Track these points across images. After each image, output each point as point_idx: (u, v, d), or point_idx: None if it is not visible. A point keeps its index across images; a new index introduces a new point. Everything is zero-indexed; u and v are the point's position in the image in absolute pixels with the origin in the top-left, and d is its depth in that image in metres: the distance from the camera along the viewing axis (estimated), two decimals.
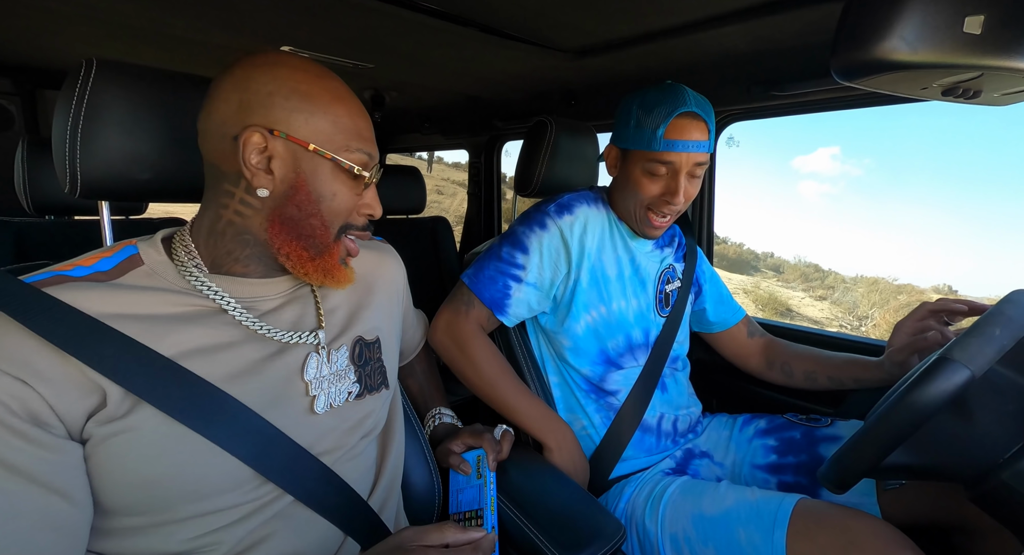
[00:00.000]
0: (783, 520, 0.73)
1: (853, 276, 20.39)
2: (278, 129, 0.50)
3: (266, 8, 0.92)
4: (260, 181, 0.51)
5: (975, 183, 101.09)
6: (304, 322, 0.60)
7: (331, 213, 0.55)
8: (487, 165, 2.21)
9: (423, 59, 1.22)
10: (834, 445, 0.92)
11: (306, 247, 0.54)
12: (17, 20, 1.09)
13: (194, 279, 0.53)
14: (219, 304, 0.53)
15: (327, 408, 0.58)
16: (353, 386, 0.62)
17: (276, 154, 0.51)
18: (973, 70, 0.47)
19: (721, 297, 1.14)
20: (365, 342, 0.65)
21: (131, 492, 0.47)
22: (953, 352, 0.57)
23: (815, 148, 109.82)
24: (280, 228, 0.53)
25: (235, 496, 0.51)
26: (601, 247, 0.96)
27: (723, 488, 0.84)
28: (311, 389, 0.57)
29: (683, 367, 1.07)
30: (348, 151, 0.54)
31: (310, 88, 0.52)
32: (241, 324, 0.54)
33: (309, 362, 0.58)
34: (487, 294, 0.92)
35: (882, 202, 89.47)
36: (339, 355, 0.61)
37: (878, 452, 0.61)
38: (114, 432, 0.46)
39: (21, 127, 1.64)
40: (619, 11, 0.87)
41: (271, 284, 0.58)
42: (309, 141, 0.51)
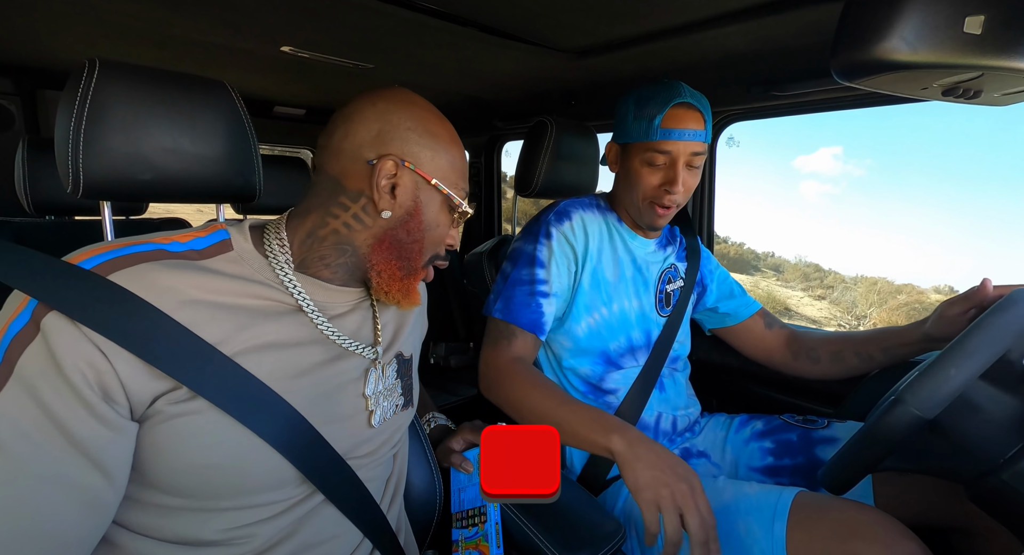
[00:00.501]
0: (783, 512, 0.73)
1: (854, 276, 20.35)
2: (409, 161, 0.56)
3: (266, 8, 0.92)
4: (384, 204, 0.57)
5: (979, 183, 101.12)
6: (362, 333, 0.63)
7: (431, 241, 0.61)
8: (487, 165, 2.21)
9: (423, 59, 1.22)
10: (831, 447, 0.92)
11: (400, 268, 0.59)
12: (17, 20, 1.09)
13: (282, 273, 0.56)
14: (298, 302, 0.56)
15: (381, 421, 0.62)
16: (399, 399, 0.66)
17: (401, 183, 0.57)
18: (973, 70, 0.47)
19: (732, 292, 1.13)
20: (403, 358, 0.69)
21: (183, 474, 0.48)
22: (905, 394, 0.57)
23: (817, 148, 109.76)
24: (386, 247, 0.58)
25: (277, 494, 0.53)
26: (600, 249, 0.97)
27: (721, 483, 0.84)
28: (370, 404, 0.61)
29: (683, 368, 1.07)
30: (457, 188, 0.60)
31: (438, 129, 0.59)
32: (314, 325, 0.57)
33: (369, 378, 0.61)
34: (525, 320, 0.91)
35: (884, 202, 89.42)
36: (390, 371, 0.65)
37: (872, 462, 0.62)
38: (181, 413, 0.47)
39: (21, 127, 1.64)
40: (619, 11, 0.87)
41: (344, 292, 0.61)
42: (432, 176, 0.58)
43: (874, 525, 0.67)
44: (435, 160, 0.58)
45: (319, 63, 1.26)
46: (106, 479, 0.44)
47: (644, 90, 0.92)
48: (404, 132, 0.57)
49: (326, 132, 0.59)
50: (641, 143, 0.91)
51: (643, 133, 0.89)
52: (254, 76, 1.46)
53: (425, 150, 0.58)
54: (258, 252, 0.56)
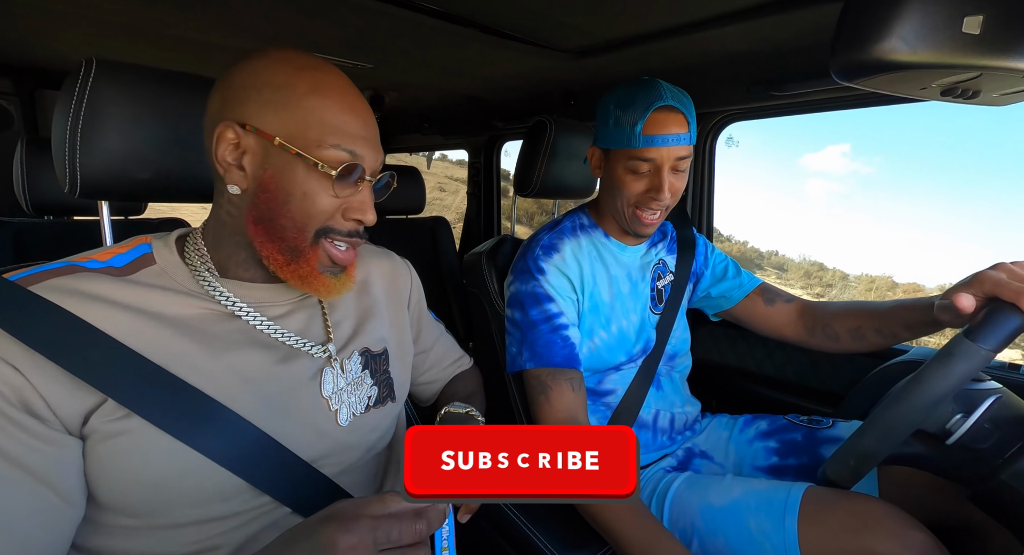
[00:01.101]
0: (793, 507, 0.73)
1: (857, 274, 20.33)
2: (250, 123, 0.49)
3: (266, 8, 0.92)
4: (232, 177, 0.50)
5: (991, 179, 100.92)
6: (311, 331, 0.59)
7: (303, 215, 0.51)
8: (487, 165, 2.21)
9: (423, 59, 1.22)
10: (835, 446, 0.92)
11: (281, 250, 0.52)
12: (17, 20, 1.09)
13: (205, 283, 0.52)
14: (230, 309, 0.53)
15: (350, 418, 0.58)
16: (372, 390, 0.61)
17: (248, 150, 0.49)
18: (972, 70, 0.47)
19: (725, 273, 1.09)
20: (372, 353, 0.64)
21: (133, 492, 0.46)
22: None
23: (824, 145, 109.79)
24: (257, 228, 0.51)
25: (235, 504, 0.50)
26: (594, 273, 0.94)
27: (728, 480, 0.84)
28: (332, 404, 0.57)
29: (682, 366, 1.06)
30: (322, 148, 0.49)
31: (287, 79, 0.49)
32: (253, 328, 0.53)
33: (324, 378, 0.56)
34: (559, 358, 0.86)
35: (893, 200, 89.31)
36: (352, 363, 0.60)
37: (884, 445, 0.62)
38: (116, 431, 0.45)
39: (20, 127, 1.64)
40: (619, 11, 0.87)
41: (278, 290, 0.57)
42: (277, 134, 0.49)
43: (885, 517, 0.67)
44: (281, 116, 0.49)
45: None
46: (56, 495, 0.43)
47: (622, 93, 0.86)
48: (243, 92, 0.49)
49: None
50: (623, 150, 0.86)
51: (625, 140, 0.85)
52: None
53: (268, 107, 0.49)
54: (184, 263, 0.53)
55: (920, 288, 18.43)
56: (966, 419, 0.60)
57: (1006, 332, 0.57)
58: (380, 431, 0.63)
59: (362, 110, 0.53)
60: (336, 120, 0.50)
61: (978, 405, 0.60)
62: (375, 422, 0.62)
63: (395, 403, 0.66)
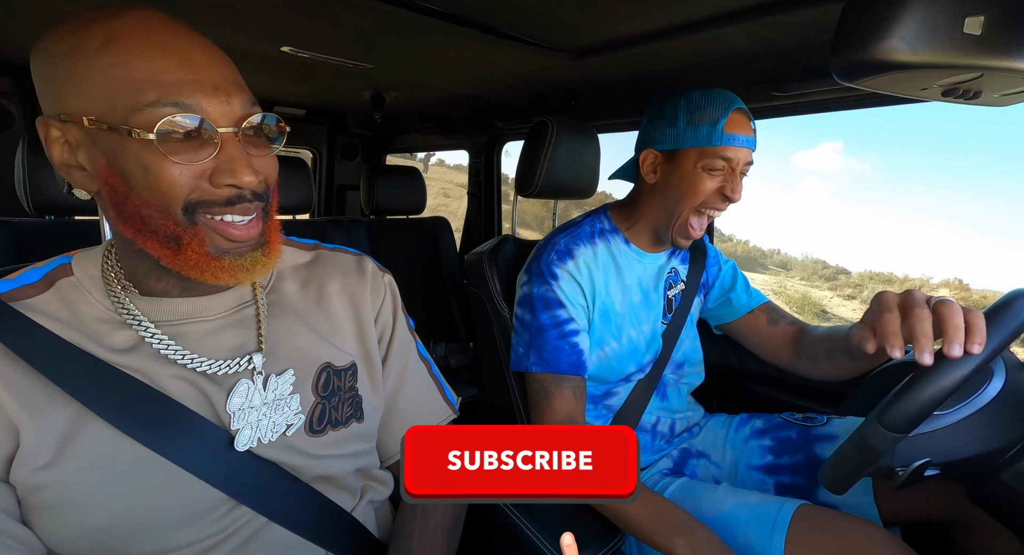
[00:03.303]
0: (782, 524, 0.72)
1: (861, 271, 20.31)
2: (62, 112, 0.41)
3: (266, 8, 0.92)
4: (76, 180, 0.44)
5: (987, 173, 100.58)
6: (246, 346, 0.52)
7: (155, 194, 0.42)
8: (487, 165, 2.21)
9: (423, 59, 1.22)
10: (830, 444, 0.92)
11: (161, 242, 0.44)
12: (17, 19, 1.09)
13: (116, 301, 0.47)
14: (144, 337, 0.47)
15: (251, 444, 0.50)
16: (295, 418, 0.53)
17: (76, 143, 0.42)
18: (973, 70, 0.47)
19: (734, 285, 1.08)
20: (334, 369, 0.57)
21: (74, 541, 0.44)
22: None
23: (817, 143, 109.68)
24: (127, 227, 0.44)
25: (194, 531, 0.47)
26: (607, 283, 0.93)
27: (722, 490, 0.84)
28: (233, 421, 0.49)
29: (690, 375, 1.05)
30: (138, 111, 0.40)
31: (74, 43, 0.40)
32: (160, 354, 0.47)
33: (236, 390, 0.49)
34: (565, 365, 0.85)
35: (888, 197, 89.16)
36: (280, 381, 0.52)
37: (858, 471, 0.62)
38: (42, 484, 0.42)
39: (21, 127, 1.64)
40: (619, 11, 0.87)
41: (201, 303, 0.50)
42: (82, 114, 0.40)
43: (875, 543, 0.67)
44: (81, 89, 0.40)
45: (319, 63, 1.26)
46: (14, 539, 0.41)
47: (694, 96, 0.88)
48: (44, 77, 0.42)
49: None
50: (699, 148, 0.86)
51: (704, 138, 0.85)
52: (254, 76, 1.46)
53: (67, 84, 0.40)
54: (103, 278, 0.49)
55: (925, 282, 18.46)
56: (904, 471, 0.60)
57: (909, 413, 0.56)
58: (339, 454, 0.57)
59: (182, 48, 0.42)
60: (143, 72, 0.40)
61: (911, 462, 0.60)
62: (331, 443, 0.56)
63: (361, 423, 0.59)
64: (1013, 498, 0.59)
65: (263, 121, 0.46)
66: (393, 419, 0.66)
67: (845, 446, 0.62)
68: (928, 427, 0.60)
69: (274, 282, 0.58)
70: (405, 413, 0.67)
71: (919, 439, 0.60)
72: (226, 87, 0.43)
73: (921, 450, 0.60)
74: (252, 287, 0.55)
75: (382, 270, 0.68)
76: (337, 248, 0.67)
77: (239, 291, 0.53)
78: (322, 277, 0.61)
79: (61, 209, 1.24)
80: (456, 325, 2.09)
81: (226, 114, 0.43)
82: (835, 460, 0.65)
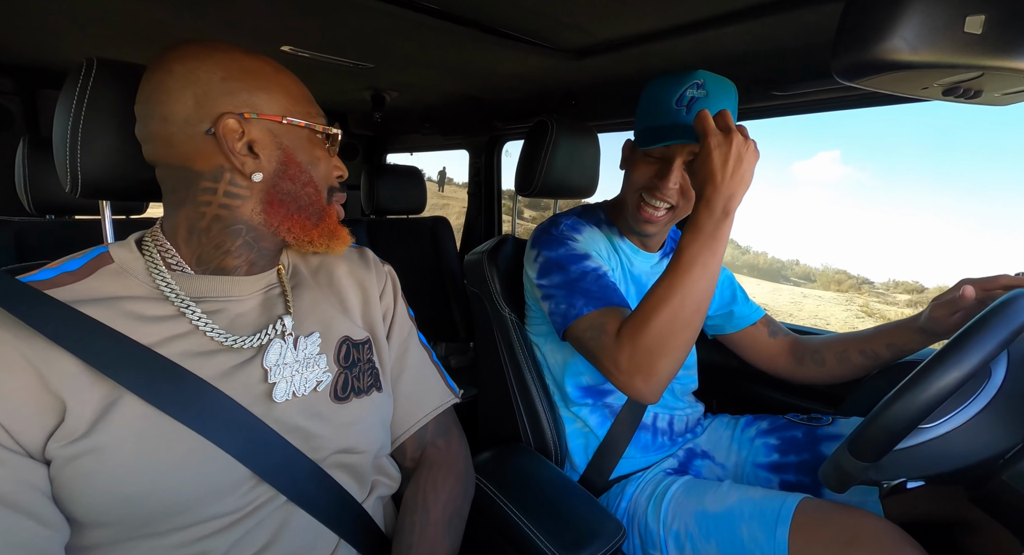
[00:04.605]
0: (786, 517, 0.73)
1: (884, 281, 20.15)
2: (248, 111, 0.51)
3: (266, 8, 0.92)
4: (251, 167, 0.52)
5: (995, 174, 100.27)
6: (274, 318, 0.58)
7: (320, 179, 0.57)
8: (487, 165, 2.21)
9: (423, 59, 1.22)
10: (836, 444, 0.92)
11: (307, 216, 0.56)
12: (17, 20, 1.09)
13: (162, 281, 0.52)
14: (184, 313, 0.52)
15: (288, 396, 0.55)
16: (324, 375, 0.58)
17: (254, 136, 0.52)
18: (974, 70, 0.47)
19: (735, 297, 1.09)
20: (353, 342, 0.63)
21: (106, 511, 0.46)
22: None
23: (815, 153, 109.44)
24: (278, 206, 0.54)
25: (218, 505, 0.49)
26: (608, 264, 0.92)
27: (726, 486, 0.84)
28: (270, 375, 0.54)
29: (684, 374, 1.06)
30: (311, 116, 0.55)
31: (253, 65, 0.53)
32: (197, 330, 0.52)
33: (271, 348, 0.55)
34: (616, 298, 0.80)
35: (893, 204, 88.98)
36: (308, 342, 0.58)
37: (849, 480, 0.62)
38: (78, 453, 0.44)
39: (22, 127, 1.64)
40: (619, 11, 0.87)
41: (247, 282, 0.57)
42: (280, 115, 0.53)
43: (877, 533, 0.67)
44: (273, 97, 0.52)
45: (319, 63, 1.26)
46: (33, 520, 0.42)
47: (654, 82, 0.87)
48: (222, 84, 0.50)
49: (139, 125, 0.53)
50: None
51: (647, 128, 0.86)
52: None
53: (257, 92, 0.51)
54: (143, 258, 0.53)
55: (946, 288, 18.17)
56: (887, 484, 0.61)
57: (876, 444, 0.56)
58: (364, 424, 0.60)
59: (296, 81, 0.57)
60: (304, 93, 0.56)
61: (892, 478, 0.60)
62: (356, 413, 0.60)
63: (381, 393, 0.63)
64: (1013, 498, 0.58)
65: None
66: (396, 400, 0.69)
67: (832, 458, 0.63)
68: (912, 441, 0.59)
69: (292, 269, 0.65)
70: (407, 394, 0.70)
71: (901, 454, 0.59)
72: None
73: (903, 466, 0.60)
74: (277, 271, 0.61)
75: (382, 261, 0.74)
76: None
77: (268, 276, 0.60)
78: (330, 264, 0.68)
79: (61, 209, 1.24)
80: (456, 325, 2.09)
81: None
82: (834, 460, 0.65)
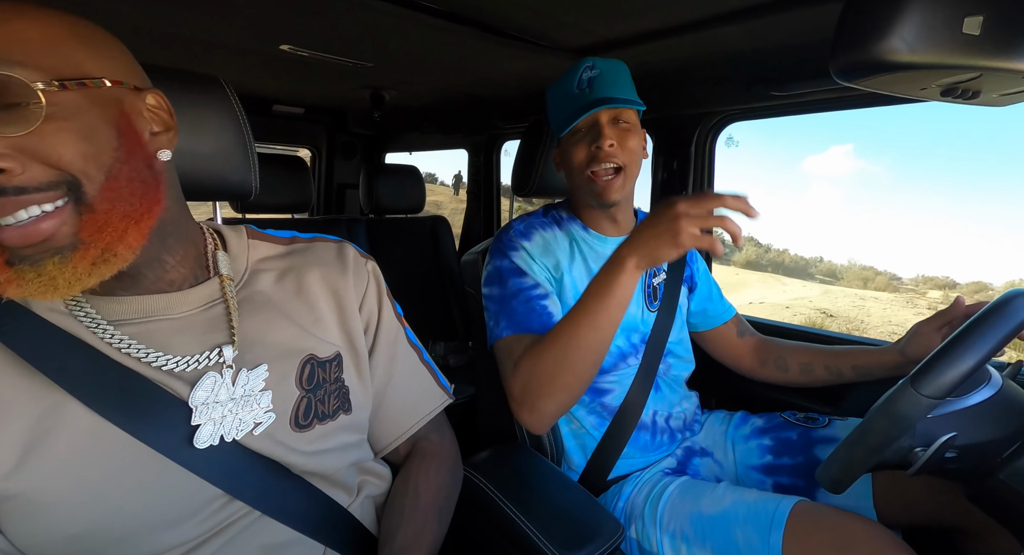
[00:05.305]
0: (780, 521, 0.73)
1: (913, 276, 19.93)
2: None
3: (266, 7, 0.92)
4: None
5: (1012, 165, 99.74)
6: (216, 343, 0.50)
7: None
8: (486, 164, 2.21)
9: (422, 58, 1.22)
10: (830, 446, 0.92)
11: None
12: None
13: (72, 303, 0.46)
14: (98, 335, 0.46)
15: (213, 441, 0.47)
16: (265, 416, 0.51)
17: None
18: (972, 71, 0.47)
19: (710, 294, 1.12)
20: (318, 360, 0.55)
21: (49, 549, 0.42)
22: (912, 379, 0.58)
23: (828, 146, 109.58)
24: None
25: (182, 531, 0.46)
26: (571, 264, 0.95)
27: (722, 489, 0.84)
28: (195, 416, 0.46)
29: (679, 365, 1.06)
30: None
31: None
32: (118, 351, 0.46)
33: (202, 383, 0.47)
34: (536, 324, 0.85)
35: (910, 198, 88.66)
36: (252, 377, 0.50)
37: (872, 454, 0.62)
38: (7, 494, 0.40)
39: None
40: (619, 10, 0.87)
41: (165, 300, 0.49)
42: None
43: (871, 538, 0.67)
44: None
45: (318, 61, 1.26)
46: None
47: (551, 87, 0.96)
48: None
49: None
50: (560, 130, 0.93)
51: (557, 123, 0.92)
52: (253, 74, 1.46)
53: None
54: None
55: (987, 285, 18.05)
56: (924, 452, 0.60)
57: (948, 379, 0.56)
58: (330, 450, 0.56)
59: None
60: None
61: (935, 439, 0.60)
62: (319, 437, 0.54)
63: (349, 415, 0.58)
64: (1012, 497, 0.59)
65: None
66: (386, 409, 0.65)
67: (862, 427, 0.62)
68: (943, 410, 0.60)
69: (248, 277, 0.56)
70: (398, 402, 0.66)
71: (934, 421, 0.60)
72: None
73: (940, 430, 0.60)
74: (220, 282, 0.52)
75: (364, 256, 0.66)
76: (316, 237, 0.65)
77: (209, 287, 0.51)
78: (300, 268, 0.59)
79: None
80: (455, 324, 2.09)
81: None
82: (839, 454, 0.64)
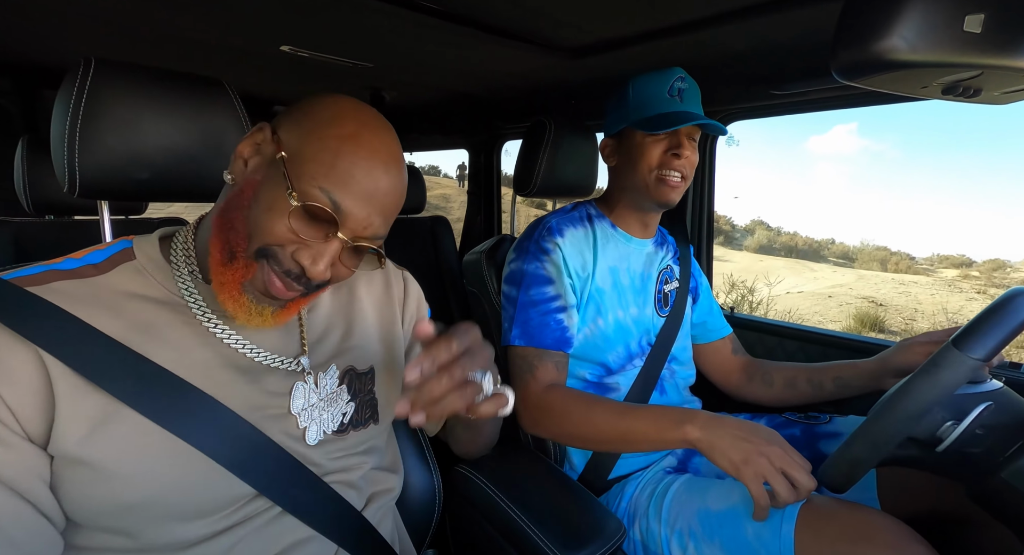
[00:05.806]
0: (791, 514, 0.72)
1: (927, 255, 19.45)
2: (278, 133, 0.50)
3: (266, 8, 0.92)
4: (233, 167, 0.51)
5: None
6: (287, 344, 0.57)
7: (255, 223, 0.48)
8: (486, 165, 2.21)
9: (422, 58, 1.22)
10: (834, 442, 0.92)
11: (222, 248, 0.48)
12: (17, 19, 1.08)
13: (183, 286, 0.52)
14: (199, 318, 0.52)
15: (320, 436, 0.56)
16: (348, 407, 0.60)
17: (261, 154, 0.50)
18: (973, 69, 0.47)
19: (711, 309, 1.16)
20: (356, 372, 0.62)
21: (100, 516, 0.45)
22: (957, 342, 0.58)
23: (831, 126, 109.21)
24: (218, 220, 0.50)
25: (210, 522, 0.49)
26: (596, 262, 0.97)
27: (728, 484, 0.84)
28: (300, 421, 0.55)
29: (682, 372, 1.07)
30: (311, 184, 0.47)
31: (332, 116, 0.49)
32: (221, 342, 0.52)
33: (295, 393, 0.55)
34: (549, 340, 0.89)
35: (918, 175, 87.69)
36: (327, 378, 0.58)
37: (875, 452, 0.62)
38: (79, 458, 0.44)
39: (20, 127, 1.64)
40: (618, 10, 0.87)
41: None
42: (285, 150, 0.48)
43: (884, 529, 0.67)
44: (303, 139, 0.49)
45: (319, 62, 1.26)
46: (30, 506, 0.42)
47: (639, 78, 0.96)
48: (295, 112, 0.51)
49: None
50: (644, 119, 0.93)
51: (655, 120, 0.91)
52: (254, 75, 1.46)
53: (298, 127, 0.50)
54: (168, 262, 0.53)
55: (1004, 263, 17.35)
56: (956, 426, 0.60)
57: (995, 339, 0.57)
58: (360, 452, 0.61)
59: (379, 178, 0.50)
60: (344, 170, 0.48)
61: (968, 412, 0.60)
62: (353, 443, 0.60)
63: (378, 425, 0.64)
64: (1013, 496, 0.59)
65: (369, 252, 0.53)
66: None
67: (840, 450, 0.62)
68: (970, 389, 0.61)
69: None
70: None
71: (965, 397, 0.61)
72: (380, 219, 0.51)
73: (973, 403, 0.60)
74: None
75: (399, 267, 0.74)
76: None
77: None
78: (351, 281, 0.65)
79: (60, 209, 1.24)
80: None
81: (355, 229, 0.50)
82: (847, 447, 0.64)
